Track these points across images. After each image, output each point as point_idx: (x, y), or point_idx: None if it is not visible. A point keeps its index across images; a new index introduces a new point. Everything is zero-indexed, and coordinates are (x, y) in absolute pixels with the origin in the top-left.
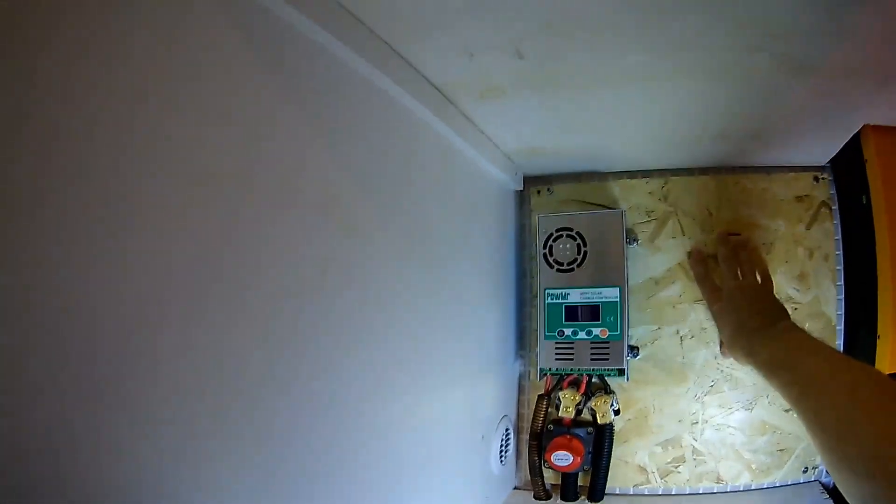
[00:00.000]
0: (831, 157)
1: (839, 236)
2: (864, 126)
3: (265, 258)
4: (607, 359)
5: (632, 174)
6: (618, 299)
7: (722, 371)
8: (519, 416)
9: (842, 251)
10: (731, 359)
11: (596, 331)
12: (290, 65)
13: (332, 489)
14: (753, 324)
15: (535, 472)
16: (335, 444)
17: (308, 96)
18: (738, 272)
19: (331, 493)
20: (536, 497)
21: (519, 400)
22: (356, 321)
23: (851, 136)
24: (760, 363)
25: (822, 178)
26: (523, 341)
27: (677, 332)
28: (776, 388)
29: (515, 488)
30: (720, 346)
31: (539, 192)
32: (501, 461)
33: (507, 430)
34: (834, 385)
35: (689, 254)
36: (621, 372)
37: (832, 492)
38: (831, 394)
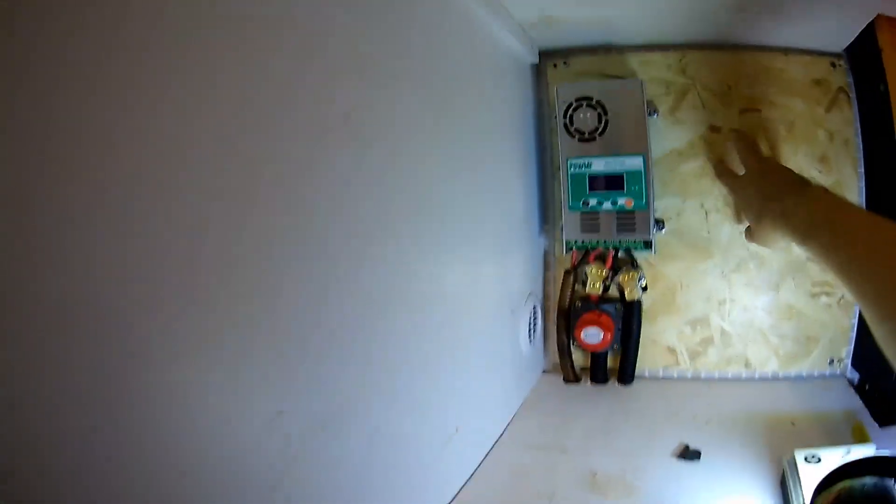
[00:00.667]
0: (846, 45)
1: (858, 123)
2: (878, 15)
3: (292, 104)
4: (634, 230)
5: (649, 48)
6: (642, 168)
7: (748, 249)
8: (545, 294)
9: (860, 138)
10: (759, 241)
11: (621, 200)
12: None
13: (364, 362)
14: (784, 188)
15: (564, 353)
16: (366, 315)
17: None
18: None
19: (363, 367)
20: (566, 380)
21: (544, 277)
22: (389, 179)
23: (866, 24)
24: (796, 226)
25: (839, 65)
26: (546, 216)
27: (702, 205)
28: (815, 254)
29: (544, 372)
30: (745, 231)
31: (555, 65)
32: (530, 340)
33: (534, 307)
34: (881, 247)
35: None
36: (648, 244)
37: (858, 388)
38: (880, 257)
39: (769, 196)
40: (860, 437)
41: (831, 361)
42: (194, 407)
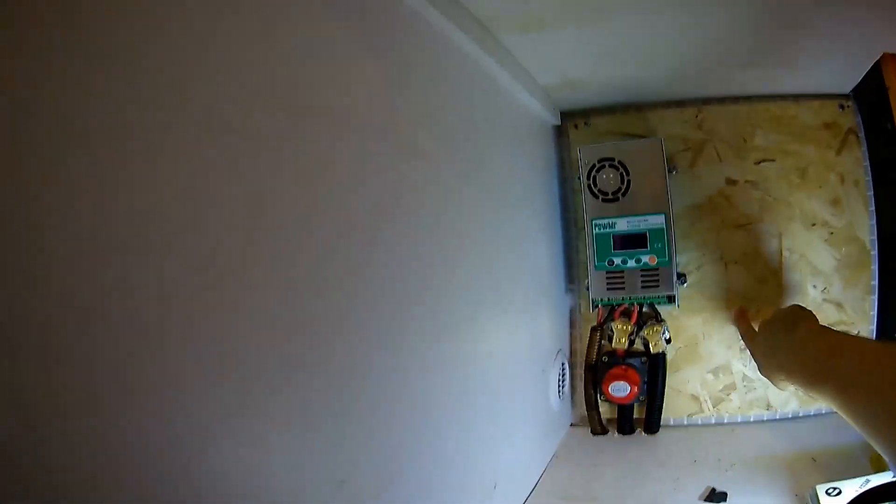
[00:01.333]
0: (854, 86)
1: (867, 163)
2: (883, 54)
3: (337, 182)
4: (658, 285)
5: (666, 104)
6: (664, 226)
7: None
8: (572, 350)
9: (871, 177)
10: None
11: (645, 258)
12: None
13: (415, 419)
14: (777, 340)
15: (592, 406)
16: (417, 381)
17: (360, 30)
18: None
19: (414, 423)
20: (594, 432)
21: (571, 334)
22: (428, 246)
23: (872, 64)
24: (797, 380)
25: (847, 106)
26: (571, 274)
27: (721, 257)
28: (823, 401)
29: (572, 425)
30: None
31: (576, 125)
32: (560, 396)
33: (563, 363)
34: (879, 387)
35: (735, 310)
36: (672, 299)
37: None
38: (878, 398)
39: (768, 352)
40: (878, 467)
41: None
42: (259, 479)
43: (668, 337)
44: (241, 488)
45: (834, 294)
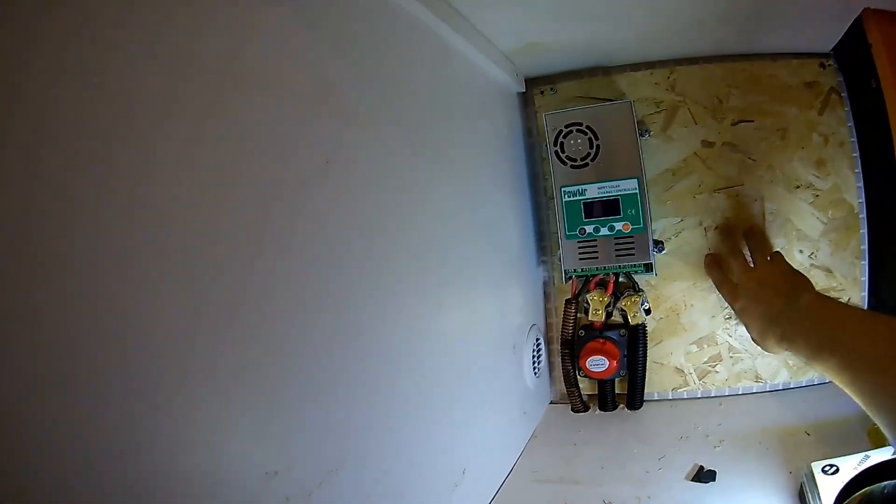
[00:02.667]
0: (834, 44)
1: (852, 122)
2: (864, 10)
3: (259, 147)
4: (633, 254)
5: (635, 66)
6: (637, 191)
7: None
8: (547, 325)
9: (856, 137)
10: (767, 351)
11: (618, 225)
12: None
13: (365, 405)
14: (776, 308)
15: (571, 383)
16: (367, 362)
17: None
18: (748, 262)
19: (363, 410)
20: (574, 409)
21: (546, 308)
22: (376, 220)
23: (853, 20)
24: (799, 350)
25: (828, 65)
26: (543, 246)
27: (700, 223)
28: (824, 374)
29: (551, 403)
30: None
31: (542, 92)
32: (535, 373)
33: (537, 339)
34: (886, 362)
35: (706, 258)
36: (649, 267)
37: None
38: (886, 371)
39: (765, 318)
40: (877, 441)
41: None
42: (186, 459)
43: (647, 307)
44: (159, 478)
45: (822, 259)
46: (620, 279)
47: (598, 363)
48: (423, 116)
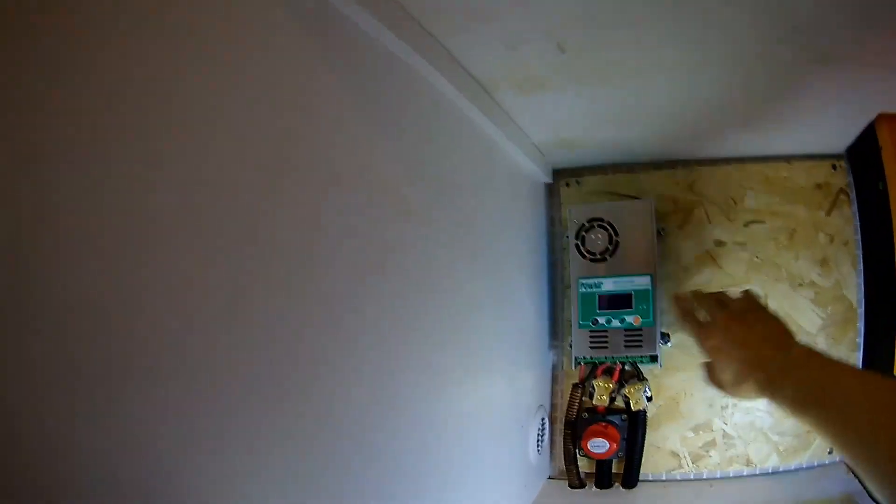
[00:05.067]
0: (848, 145)
1: (858, 222)
2: (879, 114)
3: (327, 239)
4: (641, 346)
5: (658, 165)
6: (649, 287)
7: None
8: (553, 405)
9: (860, 236)
10: (732, 396)
11: (629, 318)
12: (349, 56)
13: (379, 475)
14: (765, 355)
15: (570, 461)
16: (385, 429)
17: (365, 87)
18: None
19: (375, 480)
20: (571, 486)
21: (553, 390)
22: (412, 305)
23: (867, 124)
24: (783, 400)
25: (840, 166)
26: (556, 331)
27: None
28: (807, 424)
29: (549, 478)
30: (707, 375)
31: (568, 184)
32: (538, 450)
33: (542, 419)
34: (877, 419)
35: (673, 297)
36: (654, 358)
37: (856, 472)
38: (876, 430)
39: (748, 361)
40: None
41: (830, 451)
42: None
43: (649, 395)
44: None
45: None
46: (626, 367)
47: (599, 445)
48: (464, 206)
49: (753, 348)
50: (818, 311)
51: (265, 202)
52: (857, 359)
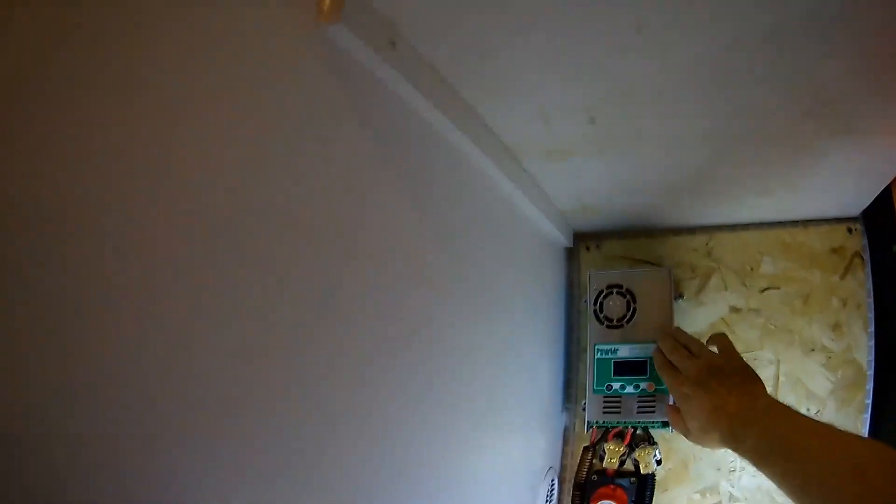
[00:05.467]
0: (863, 208)
1: (870, 285)
2: (895, 178)
3: (355, 318)
4: (653, 411)
5: (677, 231)
6: None
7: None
8: (562, 466)
9: (873, 299)
10: (697, 443)
11: (643, 384)
12: (382, 118)
13: None
14: (730, 405)
15: None
16: (409, 487)
17: (397, 153)
18: (688, 355)
19: None
20: None
21: (563, 451)
22: (439, 376)
23: (883, 187)
24: (748, 451)
25: (855, 229)
26: (569, 393)
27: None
28: (769, 476)
29: None
30: (673, 420)
31: (588, 248)
32: None
33: (552, 480)
34: (838, 473)
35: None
36: (666, 424)
37: None
38: (837, 484)
39: (713, 411)
40: None
41: None
42: None
43: (658, 458)
44: None
45: (827, 416)
46: (637, 431)
47: None
48: (486, 271)
49: (719, 397)
50: (829, 376)
51: (282, 268)
52: (864, 420)
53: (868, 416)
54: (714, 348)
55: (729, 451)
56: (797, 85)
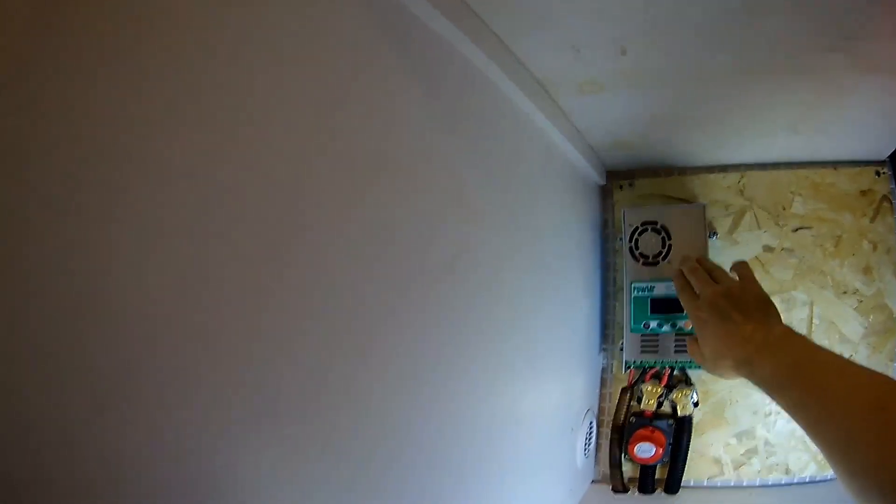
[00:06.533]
0: (890, 152)
1: None
2: None
3: (398, 242)
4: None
5: (709, 168)
6: None
7: None
8: (600, 409)
9: None
10: (713, 373)
11: (680, 323)
12: (418, 55)
13: (436, 470)
14: (745, 332)
15: (615, 465)
16: (450, 432)
17: (434, 86)
18: (711, 279)
19: (425, 477)
20: (615, 490)
21: (601, 394)
22: (478, 305)
23: None
24: (763, 378)
25: (883, 173)
26: (606, 334)
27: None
28: (784, 407)
29: (593, 481)
30: (690, 348)
31: (621, 186)
32: (585, 454)
33: (591, 422)
34: (858, 406)
35: (675, 271)
36: None
37: None
38: (856, 416)
39: (728, 336)
40: None
41: None
42: None
43: (695, 400)
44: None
45: (859, 361)
46: (675, 372)
47: (645, 450)
48: (526, 207)
49: (734, 323)
50: (860, 320)
51: (348, 199)
52: (895, 368)
53: None
54: (735, 276)
55: (765, 395)
56: (820, 17)
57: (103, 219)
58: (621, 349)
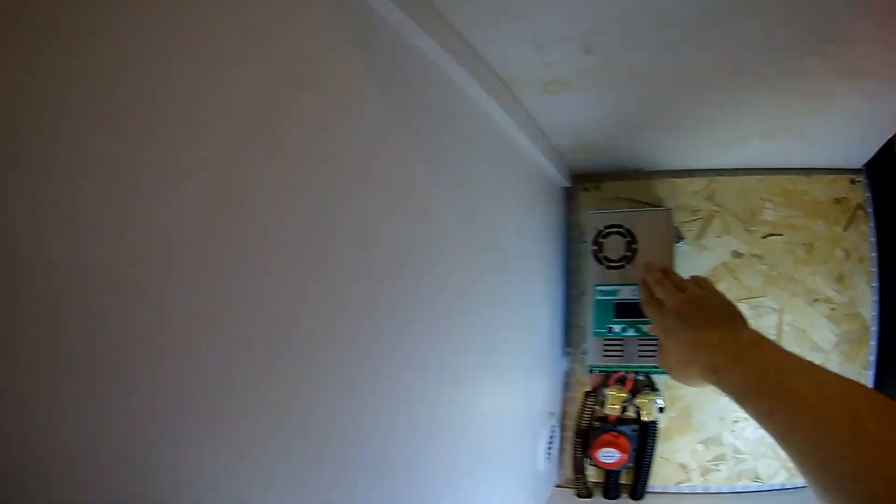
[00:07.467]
0: (866, 160)
1: (874, 238)
2: None
3: (341, 239)
4: (655, 355)
5: (677, 173)
6: None
7: None
8: (563, 413)
9: (877, 253)
10: (681, 382)
11: (645, 327)
12: (373, 49)
13: (388, 477)
14: (712, 338)
15: (579, 470)
16: (404, 435)
17: (388, 81)
18: (675, 289)
19: (383, 482)
20: (579, 495)
21: (564, 397)
22: (431, 307)
23: (887, 139)
24: (731, 386)
25: (858, 181)
26: (570, 338)
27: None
28: (752, 415)
29: (557, 486)
30: (659, 358)
31: (587, 189)
32: (547, 458)
33: (553, 426)
34: (830, 414)
35: (640, 280)
36: None
37: None
38: (829, 426)
39: (694, 344)
40: None
41: None
42: None
43: (661, 406)
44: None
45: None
46: (639, 377)
47: (609, 455)
48: (485, 208)
49: (700, 330)
50: (832, 328)
51: (284, 195)
52: (868, 377)
53: (872, 373)
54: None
55: (732, 401)
56: (802, 19)
57: None
58: (584, 353)
